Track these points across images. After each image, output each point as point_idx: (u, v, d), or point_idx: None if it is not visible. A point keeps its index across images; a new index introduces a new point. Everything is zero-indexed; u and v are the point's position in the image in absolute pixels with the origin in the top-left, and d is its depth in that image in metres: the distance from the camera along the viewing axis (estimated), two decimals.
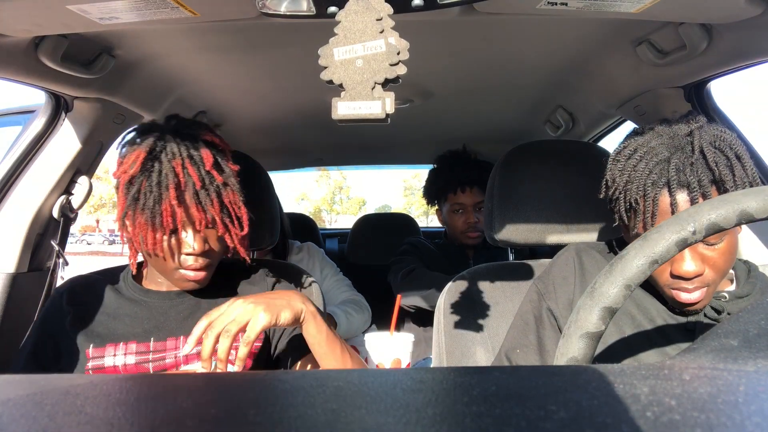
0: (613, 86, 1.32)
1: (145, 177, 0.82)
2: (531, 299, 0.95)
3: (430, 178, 1.83)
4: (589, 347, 0.45)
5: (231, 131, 1.88)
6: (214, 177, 0.85)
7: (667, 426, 0.23)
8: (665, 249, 0.45)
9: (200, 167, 0.84)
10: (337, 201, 32.72)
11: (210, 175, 0.85)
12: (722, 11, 0.80)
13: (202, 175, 0.84)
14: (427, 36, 1.09)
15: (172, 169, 0.82)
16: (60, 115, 1.20)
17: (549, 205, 1.09)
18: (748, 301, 0.80)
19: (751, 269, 0.85)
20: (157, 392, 0.29)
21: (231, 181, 0.88)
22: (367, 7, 0.50)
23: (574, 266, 0.92)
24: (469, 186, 1.68)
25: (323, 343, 0.82)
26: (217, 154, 0.88)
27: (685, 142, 0.76)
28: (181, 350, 0.88)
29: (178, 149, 0.83)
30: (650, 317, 0.84)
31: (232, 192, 0.87)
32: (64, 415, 0.25)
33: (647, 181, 0.76)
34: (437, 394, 0.28)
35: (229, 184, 0.87)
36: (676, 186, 0.73)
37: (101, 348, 0.87)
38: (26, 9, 0.76)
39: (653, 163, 0.76)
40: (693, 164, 0.74)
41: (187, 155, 0.84)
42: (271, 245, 1.21)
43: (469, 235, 1.69)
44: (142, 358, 0.87)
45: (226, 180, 0.87)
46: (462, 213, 1.70)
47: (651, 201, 0.76)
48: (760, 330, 0.35)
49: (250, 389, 0.29)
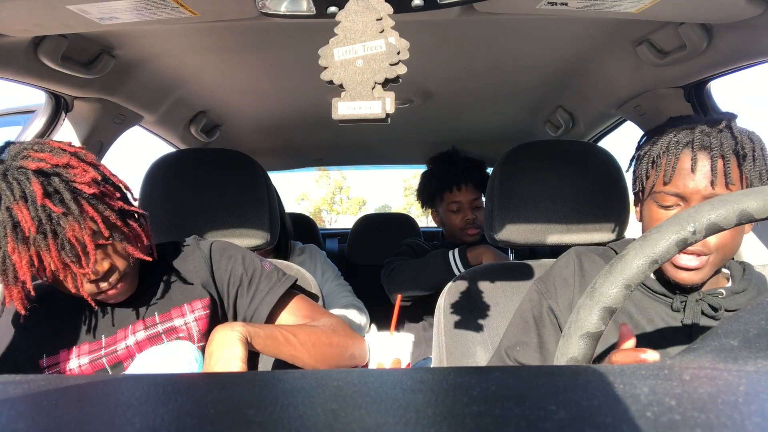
0: (613, 86, 1.32)
1: None
2: (531, 298, 0.95)
3: (424, 182, 1.83)
4: (589, 347, 0.45)
5: (231, 131, 1.88)
6: (50, 210, 0.73)
7: (667, 426, 0.23)
8: (665, 249, 0.45)
9: (34, 203, 0.72)
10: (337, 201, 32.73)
11: (45, 209, 0.72)
12: (722, 11, 0.81)
13: (37, 215, 0.72)
14: (427, 36, 1.09)
15: (8, 216, 0.72)
16: (60, 115, 1.20)
17: (549, 205, 1.09)
18: (744, 296, 0.81)
19: (746, 267, 0.87)
20: (157, 392, 0.29)
21: (72, 208, 0.74)
22: (367, 7, 0.50)
23: (575, 269, 0.93)
24: (464, 183, 1.69)
25: (275, 349, 0.83)
26: (53, 177, 0.74)
27: (716, 121, 0.81)
28: (130, 337, 0.88)
29: (9, 192, 0.72)
30: (649, 317, 0.84)
31: (73, 221, 0.74)
32: (64, 415, 0.25)
33: (672, 139, 0.81)
34: (437, 394, 0.28)
35: (70, 210, 0.74)
36: (699, 146, 0.78)
37: (54, 356, 0.86)
38: (26, 9, 0.76)
39: (681, 127, 0.82)
40: (720, 131, 0.79)
41: (20, 194, 0.72)
42: (271, 245, 1.21)
43: (468, 232, 1.70)
44: (95, 355, 0.87)
45: (68, 206, 0.74)
46: (459, 211, 1.71)
47: (673, 157, 0.80)
48: (760, 330, 0.35)
49: (250, 389, 0.29)
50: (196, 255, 0.98)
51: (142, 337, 0.88)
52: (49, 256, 0.74)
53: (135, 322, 0.90)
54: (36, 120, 1.20)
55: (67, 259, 0.75)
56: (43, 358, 0.86)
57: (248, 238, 1.15)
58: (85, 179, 0.76)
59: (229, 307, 0.97)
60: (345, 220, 27.77)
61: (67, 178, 0.75)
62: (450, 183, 1.70)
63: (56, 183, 0.74)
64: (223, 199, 1.15)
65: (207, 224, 1.14)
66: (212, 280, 0.96)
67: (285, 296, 0.97)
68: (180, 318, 0.91)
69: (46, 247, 0.73)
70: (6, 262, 0.73)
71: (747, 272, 0.86)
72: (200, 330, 0.91)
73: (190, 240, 1.02)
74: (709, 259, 0.78)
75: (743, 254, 1.14)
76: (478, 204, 1.71)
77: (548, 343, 0.89)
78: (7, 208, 0.72)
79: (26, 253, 0.73)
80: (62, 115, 1.20)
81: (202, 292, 0.94)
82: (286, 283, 0.98)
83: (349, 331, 1.00)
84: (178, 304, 0.92)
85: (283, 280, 0.99)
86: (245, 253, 1.00)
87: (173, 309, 0.91)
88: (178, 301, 0.93)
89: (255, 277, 0.97)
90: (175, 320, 0.90)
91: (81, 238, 0.75)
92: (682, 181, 0.79)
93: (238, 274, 0.97)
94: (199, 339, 0.91)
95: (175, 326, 0.90)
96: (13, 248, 0.72)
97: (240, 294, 0.97)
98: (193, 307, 0.92)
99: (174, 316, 0.91)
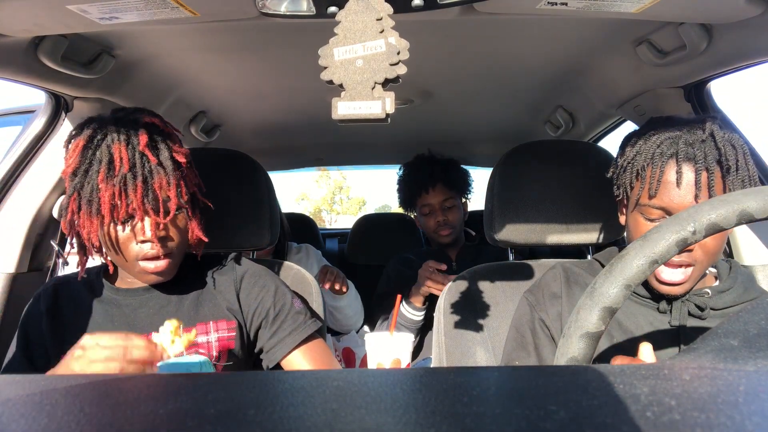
0: (613, 86, 1.32)
1: (84, 166, 0.81)
2: (524, 312, 0.98)
3: (399, 187, 1.83)
4: (589, 347, 0.45)
5: (231, 131, 1.88)
6: (147, 158, 0.81)
7: (667, 426, 0.23)
8: (665, 249, 0.45)
9: (135, 148, 0.81)
10: (337, 201, 32.70)
11: (143, 156, 0.81)
12: (722, 11, 0.81)
13: (134, 158, 0.81)
14: (427, 36, 1.09)
15: (107, 153, 0.80)
16: (60, 115, 1.20)
17: (549, 205, 1.09)
18: (730, 294, 0.82)
19: (732, 265, 0.87)
20: (157, 392, 0.29)
21: (167, 164, 0.83)
22: (367, 7, 0.50)
23: (562, 283, 0.95)
24: (431, 185, 1.69)
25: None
26: (157, 136, 0.84)
27: (698, 126, 0.80)
28: None
29: (116, 134, 0.81)
30: (637, 322, 0.85)
31: (164, 175, 0.83)
32: (64, 415, 0.25)
33: (656, 151, 0.80)
34: (437, 394, 0.28)
35: (164, 166, 0.83)
36: (683, 158, 0.77)
37: None
38: (26, 9, 0.76)
39: (665, 137, 0.80)
40: (703, 141, 0.78)
41: (124, 138, 0.81)
42: (272, 245, 1.21)
43: (440, 233, 1.69)
44: None
45: (163, 162, 0.83)
46: (430, 214, 1.70)
47: (658, 169, 0.79)
48: (760, 330, 0.35)
49: (250, 389, 0.29)
50: (229, 276, 0.98)
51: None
52: (134, 195, 0.80)
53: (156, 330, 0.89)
54: (36, 120, 1.20)
55: (148, 205, 0.82)
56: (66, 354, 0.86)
57: (249, 238, 1.15)
58: (180, 151, 0.87)
59: (251, 334, 0.97)
60: (345, 220, 27.75)
61: (169, 142, 0.86)
62: (419, 187, 1.71)
63: (159, 141, 0.84)
64: (224, 199, 1.15)
65: (207, 224, 1.14)
66: (238, 304, 0.96)
67: (305, 339, 0.97)
68: (203, 335, 0.91)
69: (133, 187, 0.80)
70: (93, 194, 0.80)
71: (733, 270, 0.86)
72: (221, 350, 0.91)
73: (230, 257, 1.03)
74: (693, 273, 0.78)
75: (743, 254, 1.14)
76: (450, 204, 1.70)
77: (544, 353, 0.91)
78: (108, 146, 0.80)
79: (112, 187, 0.79)
80: (62, 115, 1.20)
81: (228, 314, 0.94)
82: (310, 328, 0.98)
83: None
84: (204, 320, 0.92)
85: (308, 324, 0.98)
86: (278, 286, 1.00)
87: (198, 325, 0.91)
88: (204, 317, 0.92)
89: (281, 313, 0.97)
90: (198, 336, 0.90)
91: (166, 193, 0.83)
92: (668, 196, 0.78)
93: (267, 306, 0.96)
94: (218, 359, 0.90)
95: (197, 342, 0.90)
96: (102, 179, 0.79)
97: (263, 326, 0.97)
98: (218, 327, 0.92)
99: (198, 332, 0.90)
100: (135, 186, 0.80)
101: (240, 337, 0.93)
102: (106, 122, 0.83)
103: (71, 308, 0.91)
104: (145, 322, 0.90)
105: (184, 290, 0.94)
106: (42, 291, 0.94)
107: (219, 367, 0.90)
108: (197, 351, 0.89)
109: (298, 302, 1.01)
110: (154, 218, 0.82)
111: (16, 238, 1.18)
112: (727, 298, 0.81)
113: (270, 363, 0.96)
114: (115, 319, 0.90)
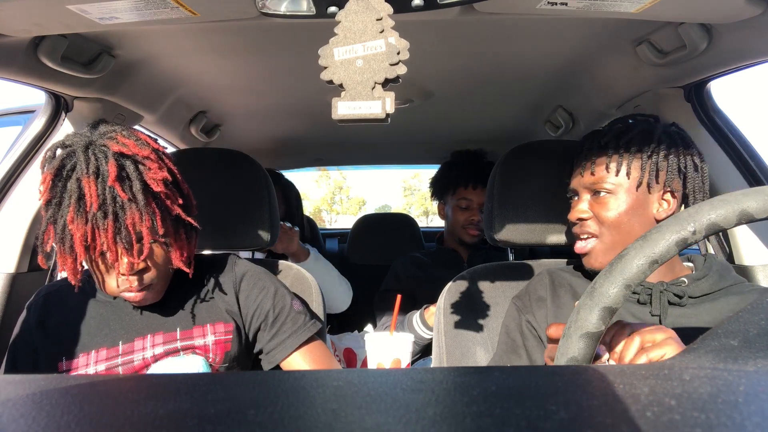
0: (613, 86, 1.32)
1: (57, 199, 0.76)
2: (512, 316, 1.01)
3: (443, 170, 1.84)
4: (589, 347, 0.45)
5: (231, 131, 1.88)
6: (116, 193, 0.75)
7: (667, 426, 0.23)
8: (665, 249, 0.45)
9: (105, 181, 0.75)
10: (337, 201, 32.70)
11: (113, 190, 0.75)
12: (722, 11, 0.80)
13: (104, 193, 0.75)
14: (427, 36, 1.09)
15: (77, 188, 0.75)
16: (60, 115, 1.20)
17: (549, 205, 1.09)
18: (706, 281, 0.85)
19: (707, 257, 0.91)
20: (158, 392, 0.29)
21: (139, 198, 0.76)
22: (367, 7, 0.50)
23: (547, 287, 0.99)
24: (481, 184, 1.70)
25: None
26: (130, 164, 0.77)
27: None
28: (148, 350, 0.87)
29: (86, 166, 0.75)
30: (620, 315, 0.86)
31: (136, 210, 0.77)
32: (64, 415, 0.25)
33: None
34: (437, 394, 0.28)
35: (136, 200, 0.76)
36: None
37: (73, 360, 0.86)
38: (26, 9, 0.76)
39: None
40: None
41: (93, 171, 0.75)
42: (271, 245, 1.21)
43: (469, 231, 1.70)
44: (112, 362, 0.86)
45: (135, 195, 0.76)
46: (467, 209, 1.71)
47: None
48: (760, 330, 0.35)
49: (250, 389, 0.29)
50: (228, 277, 0.97)
51: (160, 352, 0.87)
52: (104, 236, 0.76)
53: (154, 333, 0.89)
54: (36, 120, 1.20)
55: (120, 244, 0.77)
56: (62, 360, 0.86)
57: (249, 238, 1.15)
58: (157, 176, 0.79)
59: (249, 336, 0.97)
60: (345, 220, 27.74)
61: (142, 169, 0.78)
62: (467, 179, 1.71)
63: (131, 170, 0.77)
64: (224, 199, 1.15)
65: (207, 224, 1.14)
66: (237, 306, 0.95)
67: (305, 341, 0.96)
68: (201, 338, 0.90)
69: (103, 227, 0.76)
70: (65, 231, 0.76)
71: (708, 261, 0.90)
72: (218, 352, 0.90)
73: (228, 259, 1.01)
74: (599, 241, 0.90)
75: (743, 254, 1.14)
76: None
77: (533, 354, 0.95)
78: (77, 179, 0.75)
79: (83, 226, 0.75)
80: (62, 115, 1.20)
81: (227, 316, 0.93)
82: (310, 330, 0.97)
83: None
84: (201, 323, 0.91)
85: (308, 326, 0.97)
86: (278, 288, 0.99)
87: (195, 327, 0.91)
88: (202, 320, 0.92)
89: (281, 315, 0.96)
90: (195, 339, 0.90)
91: (138, 229, 0.77)
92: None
93: (266, 308, 0.96)
94: (216, 360, 0.90)
95: (194, 345, 0.89)
96: (72, 218, 0.75)
97: (263, 328, 0.96)
98: (216, 329, 0.91)
99: (195, 335, 0.90)
100: (105, 225, 0.75)
101: (238, 339, 0.93)
102: (75, 150, 0.76)
103: (64, 314, 0.90)
104: (141, 323, 0.90)
105: (182, 292, 0.93)
106: (33, 302, 0.93)
107: (216, 369, 0.90)
108: (194, 352, 0.89)
109: (298, 303, 1.01)
110: (128, 258, 0.78)
111: (16, 238, 1.18)
112: (704, 285, 0.85)
113: (269, 365, 0.96)
114: (110, 321, 0.89)
